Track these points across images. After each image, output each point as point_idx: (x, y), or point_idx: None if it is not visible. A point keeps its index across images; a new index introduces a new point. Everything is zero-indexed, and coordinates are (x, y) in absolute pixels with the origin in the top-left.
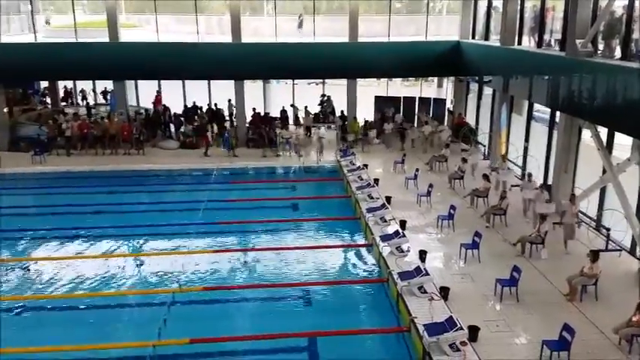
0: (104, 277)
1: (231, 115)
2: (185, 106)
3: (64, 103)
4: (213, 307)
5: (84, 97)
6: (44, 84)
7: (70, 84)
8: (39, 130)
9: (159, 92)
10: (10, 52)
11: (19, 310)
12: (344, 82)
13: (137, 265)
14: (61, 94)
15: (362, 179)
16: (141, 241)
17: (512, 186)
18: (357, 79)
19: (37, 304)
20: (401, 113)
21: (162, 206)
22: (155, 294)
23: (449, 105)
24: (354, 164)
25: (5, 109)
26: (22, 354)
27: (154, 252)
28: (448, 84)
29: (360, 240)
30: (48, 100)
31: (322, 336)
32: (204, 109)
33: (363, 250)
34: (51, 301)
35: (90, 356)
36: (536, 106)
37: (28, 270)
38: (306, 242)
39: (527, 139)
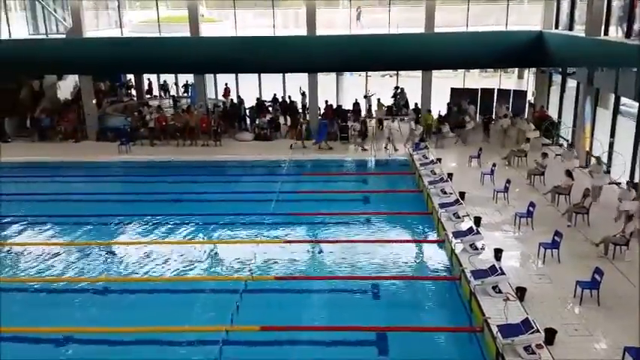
0: (181, 263)
1: (304, 107)
2: (258, 98)
3: (148, 96)
4: (283, 296)
5: (167, 90)
6: (130, 77)
7: (154, 77)
8: (124, 121)
9: (227, 85)
10: (98, 47)
11: (104, 291)
12: (418, 73)
13: (212, 252)
14: (146, 87)
15: (435, 173)
16: (216, 230)
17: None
18: (433, 71)
19: (119, 286)
20: (478, 106)
21: (236, 196)
22: (228, 281)
23: (530, 97)
24: (426, 158)
25: (94, 101)
26: (106, 333)
27: (228, 240)
28: (529, 75)
29: (431, 236)
30: (133, 92)
31: (391, 331)
32: (277, 102)
33: (435, 246)
34: (131, 284)
35: (167, 338)
36: (623, 99)
37: (113, 253)
38: (376, 236)
39: (612, 135)
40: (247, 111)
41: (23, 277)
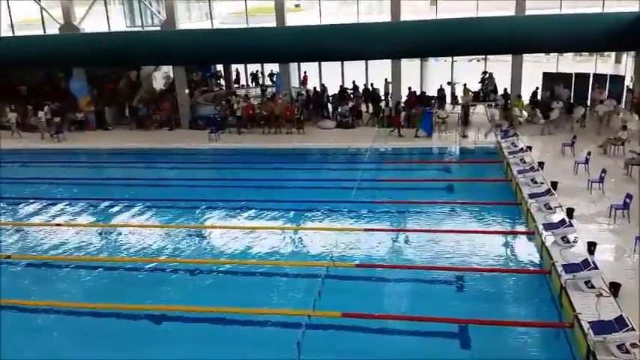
0: (265, 247)
1: (386, 94)
2: (341, 86)
3: (236, 85)
4: (364, 283)
5: (254, 79)
6: (220, 67)
7: (242, 67)
8: (214, 110)
9: (306, 73)
10: (190, 38)
11: (194, 271)
12: (508, 57)
13: (294, 238)
14: (234, 76)
15: (524, 162)
16: (298, 216)
17: None
18: (524, 55)
19: (207, 267)
20: (572, 90)
21: (318, 183)
22: (310, 266)
23: (628, 82)
24: (516, 146)
25: (187, 91)
26: (196, 312)
27: (310, 227)
28: (628, 59)
29: (520, 227)
30: (222, 82)
31: (475, 324)
32: (360, 89)
33: (523, 238)
34: (218, 266)
35: (252, 319)
36: None
37: (202, 236)
38: (460, 226)
39: None
40: (330, 99)
41: (122, 257)
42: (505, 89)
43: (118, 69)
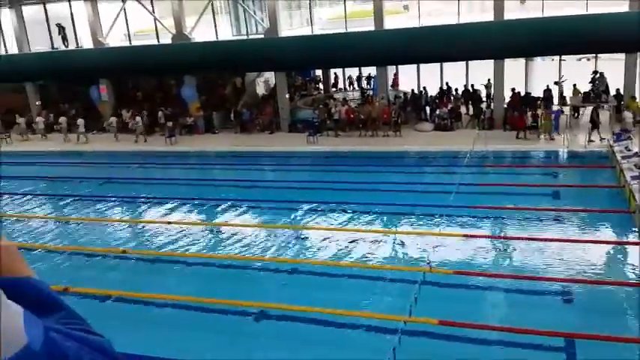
0: (361, 250)
1: (488, 96)
2: (440, 88)
3: (334, 89)
4: (462, 291)
5: (351, 83)
6: (318, 72)
7: (340, 71)
8: (312, 113)
9: (396, 76)
10: (291, 45)
11: (292, 271)
12: (621, 56)
13: (391, 241)
14: (332, 80)
15: (639, 168)
16: (394, 219)
17: None
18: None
19: (304, 267)
20: None
21: (415, 187)
22: (406, 271)
23: None
24: (629, 150)
25: (287, 95)
26: (292, 311)
27: (407, 231)
28: None
29: (633, 237)
30: (321, 86)
31: (583, 339)
32: (459, 91)
33: (636, 250)
34: (314, 267)
35: (345, 321)
36: None
37: (300, 237)
38: (566, 234)
39: None
40: (428, 101)
41: (224, 254)
42: (617, 90)
43: (225, 76)
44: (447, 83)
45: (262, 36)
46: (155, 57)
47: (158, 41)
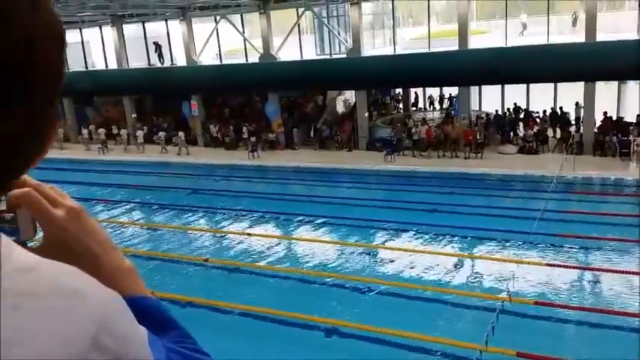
0: (435, 273)
1: (577, 119)
2: (525, 109)
3: (413, 108)
4: (543, 323)
5: (432, 103)
6: (398, 90)
7: (420, 90)
8: (391, 132)
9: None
10: (373, 64)
11: (364, 290)
12: None
13: (467, 266)
14: (412, 99)
15: None
16: (472, 244)
17: None
18: None
19: (376, 287)
20: None
21: (495, 210)
22: (483, 298)
23: None
24: None
25: (366, 114)
26: (363, 330)
27: (486, 256)
28: None
29: None
30: (400, 105)
31: None
32: (546, 113)
33: None
34: (387, 287)
35: (417, 345)
36: None
37: (372, 255)
38: None
39: None
40: (513, 122)
41: (299, 269)
42: None
43: (307, 94)
44: (515, 104)
45: (345, 55)
46: (243, 75)
47: (246, 60)
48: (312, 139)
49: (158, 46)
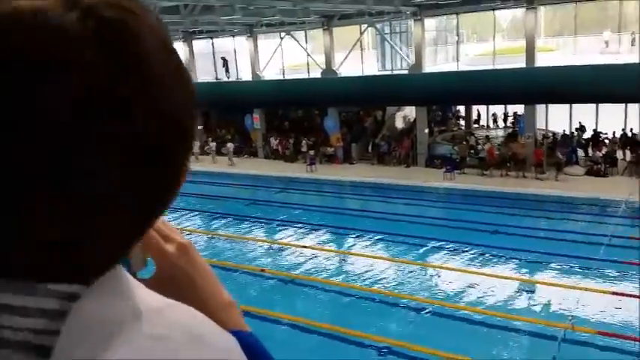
0: (493, 296)
1: None
2: (594, 130)
3: (475, 126)
4: (607, 354)
5: (495, 120)
6: (460, 107)
7: (483, 107)
8: (451, 149)
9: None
10: (435, 80)
11: (408, 307)
12: None
13: (527, 290)
14: (474, 117)
15: None
16: (534, 268)
17: None
18: None
19: (432, 307)
20: None
21: (558, 234)
22: (544, 325)
23: None
24: None
25: (426, 130)
26: (415, 351)
27: (547, 281)
28: None
29: None
30: (462, 122)
31: None
32: (616, 134)
33: None
34: (444, 309)
35: None
36: None
37: (427, 274)
38: None
39: None
40: (581, 143)
41: (352, 284)
42: None
43: (366, 109)
44: (626, 126)
45: (407, 71)
46: (304, 90)
47: (308, 75)
48: (369, 154)
49: (225, 61)
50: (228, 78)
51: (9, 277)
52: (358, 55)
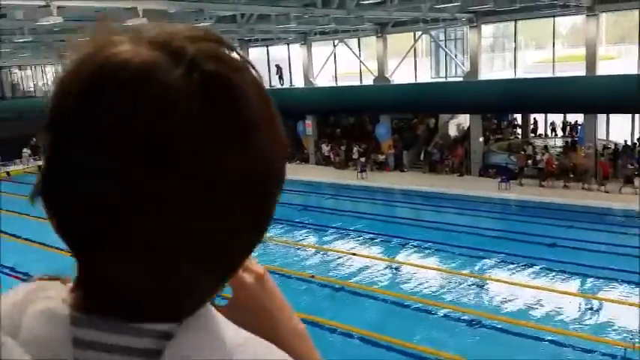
0: (545, 311)
1: None
2: None
3: (532, 135)
4: None
5: (553, 130)
6: (516, 115)
7: (540, 116)
8: (507, 159)
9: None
10: (491, 88)
11: (460, 319)
12: None
13: (587, 307)
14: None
15: None
16: (594, 284)
17: None
18: None
19: (485, 321)
20: None
21: (620, 249)
22: (603, 343)
23: None
24: None
25: (481, 139)
26: None
27: (609, 298)
28: None
29: None
30: (518, 131)
31: None
32: None
33: None
34: (489, 320)
35: None
36: None
37: (480, 286)
38: None
39: None
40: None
41: (403, 294)
42: None
43: (419, 116)
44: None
45: (461, 79)
46: (356, 97)
47: (361, 82)
48: (421, 161)
49: (279, 69)
50: (281, 85)
51: (108, 316)
52: (411, 62)
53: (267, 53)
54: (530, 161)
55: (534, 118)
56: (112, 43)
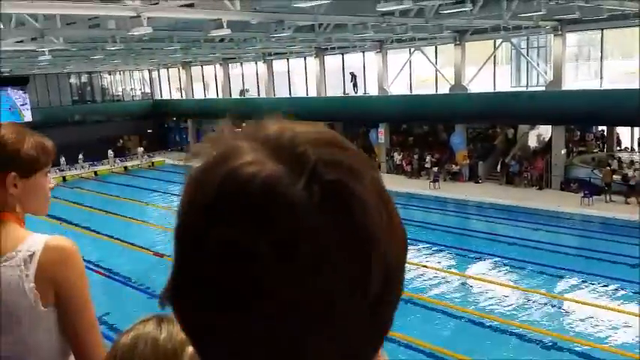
0: (633, 336)
1: None
2: None
3: (618, 148)
4: None
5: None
6: (602, 128)
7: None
8: (591, 173)
9: None
10: (575, 98)
11: (535, 340)
12: None
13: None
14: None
15: None
16: None
17: None
18: None
19: (563, 344)
20: None
21: None
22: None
23: None
24: None
25: (563, 151)
26: None
27: None
28: None
29: None
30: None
31: None
32: None
33: None
34: (567, 343)
35: None
36: None
37: (560, 307)
38: None
39: None
40: None
41: (474, 310)
42: None
43: (497, 126)
44: None
45: (544, 88)
46: (431, 106)
47: (436, 90)
48: (498, 173)
49: (354, 76)
50: (356, 93)
51: None
52: (490, 70)
53: (343, 61)
54: (617, 176)
55: (617, 133)
56: (236, 151)
